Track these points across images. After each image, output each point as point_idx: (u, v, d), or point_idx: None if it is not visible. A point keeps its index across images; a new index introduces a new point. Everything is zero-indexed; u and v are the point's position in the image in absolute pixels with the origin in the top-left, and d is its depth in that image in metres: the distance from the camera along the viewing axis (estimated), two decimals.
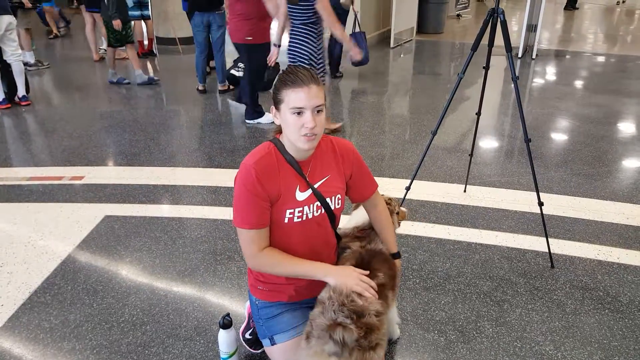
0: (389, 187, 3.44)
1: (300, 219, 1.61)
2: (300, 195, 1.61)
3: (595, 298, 2.39)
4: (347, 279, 1.54)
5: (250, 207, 1.54)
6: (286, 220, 1.60)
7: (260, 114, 4.96)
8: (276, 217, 1.59)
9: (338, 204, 1.70)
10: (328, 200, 1.65)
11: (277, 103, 1.54)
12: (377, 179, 1.84)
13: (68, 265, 2.64)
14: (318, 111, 1.50)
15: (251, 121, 4.98)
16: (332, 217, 1.71)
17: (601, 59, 8.15)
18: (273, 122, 1.62)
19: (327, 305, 1.47)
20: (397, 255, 1.84)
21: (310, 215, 1.63)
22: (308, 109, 1.47)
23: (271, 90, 1.60)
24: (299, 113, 1.48)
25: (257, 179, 1.52)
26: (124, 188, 3.50)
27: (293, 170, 1.59)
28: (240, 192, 1.55)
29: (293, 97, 1.47)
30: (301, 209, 1.61)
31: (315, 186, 1.63)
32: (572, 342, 2.11)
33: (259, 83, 4.82)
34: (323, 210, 1.66)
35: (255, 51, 4.60)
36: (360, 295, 1.49)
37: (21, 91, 5.38)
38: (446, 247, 2.80)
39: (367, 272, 1.59)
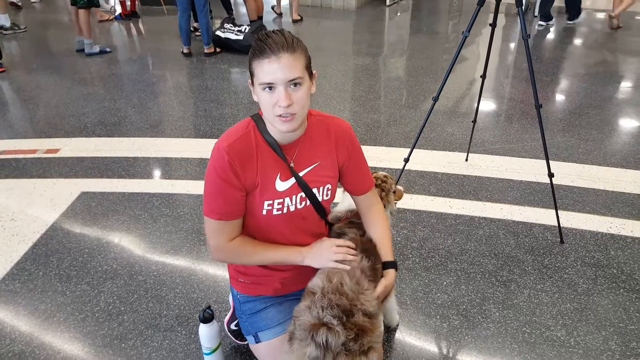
0: (386, 157, 3.21)
1: (280, 212, 1.39)
2: (281, 185, 1.37)
3: (608, 276, 2.22)
4: (322, 254, 1.40)
5: (221, 196, 1.32)
6: (264, 212, 1.38)
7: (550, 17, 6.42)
8: (252, 207, 1.38)
9: (327, 195, 1.46)
10: (315, 190, 1.42)
11: (251, 76, 1.28)
12: (373, 148, 1.61)
13: (40, 248, 2.44)
14: (295, 84, 1.23)
15: (571, 21, 6.58)
16: (321, 209, 1.48)
17: (602, 15, 7.78)
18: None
19: (315, 300, 1.28)
20: (393, 265, 1.50)
21: (292, 208, 1.41)
22: (279, 83, 1.21)
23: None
24: (270, 88, 1.23)
25: (229, 165, 1.28)
26: (102, 161, 3.26)
27: (274, 155, 1.35)
28: (211, 178, 1.32)
29: (261, 70, 1.21)
30: (281, 200, 1.38)
31: (301, 174, 1.39)
32: (586, 327, 1.95)
33: None
34: (309, 202, 1.43)
35: None
36: (344, 271, 1.35)
37: None
38: (447, 221, 2.61)
39: (342, 242, 1.46)
